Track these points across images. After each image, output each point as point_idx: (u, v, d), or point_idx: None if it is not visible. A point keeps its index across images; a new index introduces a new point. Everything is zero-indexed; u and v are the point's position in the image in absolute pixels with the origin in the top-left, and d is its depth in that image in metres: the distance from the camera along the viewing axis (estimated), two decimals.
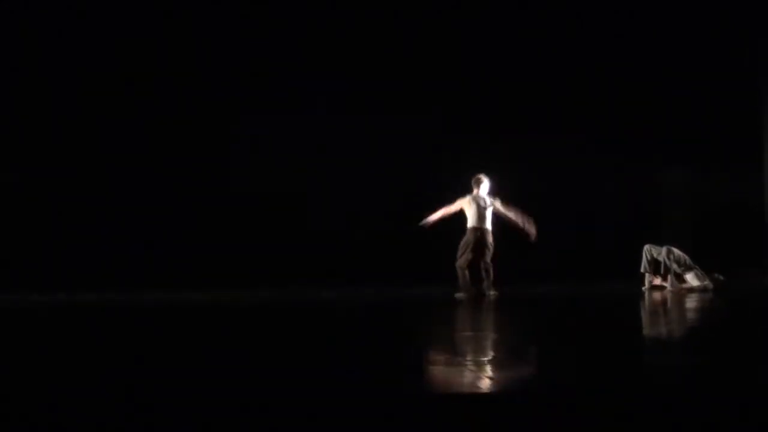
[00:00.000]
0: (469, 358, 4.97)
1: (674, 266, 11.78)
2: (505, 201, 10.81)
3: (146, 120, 13.42)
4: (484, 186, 10.82)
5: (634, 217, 13.77)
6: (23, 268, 12.71)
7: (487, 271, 10.72)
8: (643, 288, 11.74)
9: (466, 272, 10.69)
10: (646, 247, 11.87)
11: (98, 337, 6.87)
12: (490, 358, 5.04)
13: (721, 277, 11.81)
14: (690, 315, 8.50)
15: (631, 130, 13.93)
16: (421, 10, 13.41)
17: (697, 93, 13.94)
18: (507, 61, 13.78)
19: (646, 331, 7.02)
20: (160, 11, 13.20)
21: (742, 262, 13.09)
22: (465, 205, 10.75)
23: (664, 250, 11.84)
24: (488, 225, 10.74)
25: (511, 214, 10.78)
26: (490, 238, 10.72)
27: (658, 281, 11.87)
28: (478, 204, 10.73)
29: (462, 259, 10.68)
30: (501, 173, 13.40)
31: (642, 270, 11.86)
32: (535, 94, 13.79)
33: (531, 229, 10.75)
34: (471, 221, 10.72)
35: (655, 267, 11.83)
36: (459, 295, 10.59)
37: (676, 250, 11.88)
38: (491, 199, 10.82)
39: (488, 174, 11.04)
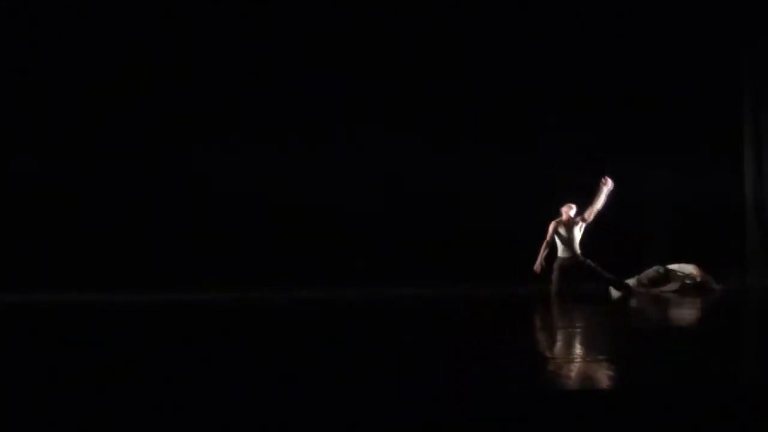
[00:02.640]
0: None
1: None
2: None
3: (146, 120, 13.48)
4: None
5: (613, 216, 13.69)
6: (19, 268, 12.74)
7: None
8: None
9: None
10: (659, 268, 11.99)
11: (97, 337, 7.04)
12: None
13: (716, 286, 11.89)
14: (666, 315, 8.88)
15: (609, 129, 13.92)
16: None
17: (676, 92, 14.00)
18: (481, 58, 13.86)
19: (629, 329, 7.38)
20: (160, 11, 13.33)
21: (722, 262, 13.29)
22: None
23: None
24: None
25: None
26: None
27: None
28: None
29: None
30: (475, 171, 13.73)
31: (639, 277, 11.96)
32: (511, 92, 13.82)
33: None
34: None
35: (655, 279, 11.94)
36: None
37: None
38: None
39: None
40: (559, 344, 6.49)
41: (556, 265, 10.93)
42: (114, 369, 5.02)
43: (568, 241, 10.98)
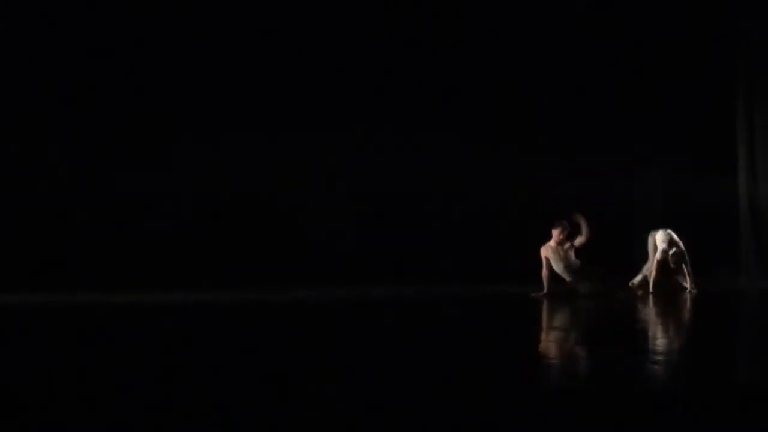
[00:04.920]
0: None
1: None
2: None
3: (142, 118, 13.45)
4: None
5: (604, 217, 13.63)
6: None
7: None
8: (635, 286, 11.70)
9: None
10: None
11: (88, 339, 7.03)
12: None
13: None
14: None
15: (603, 129, 13.94)
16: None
17: (670, 91, 14.04)
18: (468, 56, 13.86)
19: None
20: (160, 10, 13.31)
21: (714, 262, 13.32)
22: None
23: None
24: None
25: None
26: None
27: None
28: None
29: None
30: (465, 173, 13.75)
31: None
32: (501, 91, 13.78)
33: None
34: None
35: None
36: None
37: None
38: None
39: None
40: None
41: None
42: (109, 372, 5.03)
43: (559, 265, 10.98)
